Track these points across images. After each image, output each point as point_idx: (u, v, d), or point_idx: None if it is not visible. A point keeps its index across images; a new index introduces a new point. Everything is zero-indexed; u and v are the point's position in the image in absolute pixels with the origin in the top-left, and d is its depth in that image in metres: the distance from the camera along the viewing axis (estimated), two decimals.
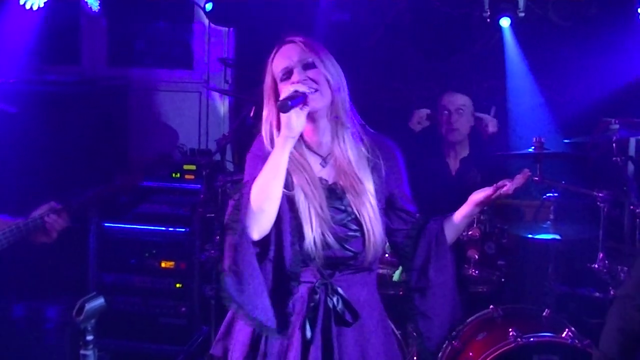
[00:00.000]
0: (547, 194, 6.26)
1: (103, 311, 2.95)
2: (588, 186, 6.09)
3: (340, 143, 3.66)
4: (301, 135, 3.61)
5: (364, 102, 7.82)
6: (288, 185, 3.58)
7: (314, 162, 3.70)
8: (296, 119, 3.43)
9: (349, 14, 7.89)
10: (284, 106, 3.36)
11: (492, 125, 6.99)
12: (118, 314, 7.00)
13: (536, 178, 5.97)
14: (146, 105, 8.33)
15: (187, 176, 7.29)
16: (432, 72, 7.96)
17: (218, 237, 6.25)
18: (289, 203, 3.58)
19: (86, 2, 7.45)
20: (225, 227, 3.57)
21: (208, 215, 6.50)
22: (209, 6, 7.63)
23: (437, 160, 6.78)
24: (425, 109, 7.08)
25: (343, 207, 3.64)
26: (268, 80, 3.67)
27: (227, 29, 8.22)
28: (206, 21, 8.12)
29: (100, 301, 2.95)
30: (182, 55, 8.47)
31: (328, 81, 3.59)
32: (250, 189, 3.49)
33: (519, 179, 3.68)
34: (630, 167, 6.50)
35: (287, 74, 3.60)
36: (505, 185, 3.68)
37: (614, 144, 5.96)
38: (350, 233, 3.64)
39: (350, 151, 3.66)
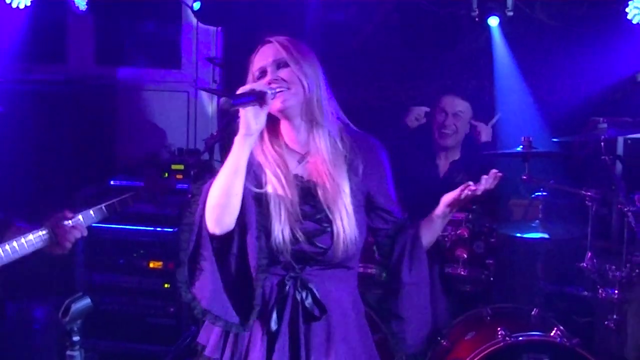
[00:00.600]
0: (536, 193, 6.27)
1: (89, 312, 2.94)
2: (576, 185, 6.10)
3: (316, 141, 3.69)
4: (280, 133, 3.73)
5: (353, 100, 7.89)
6: (260, 182, 3.65)
7: (292, 159, 3.73)
8: (253, 118, 3.44)
9: (337, 13, 7.89)
10: (225, 103, 3.38)
11: (485, 135, 6.96)
12: (106, 314, 6.99)
13: (524, 177, 5.98)
14: (134, 104, 8.32)
15: (175, 176, 7.25)
16: (421, 71, 7.96)
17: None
18: (258, 199, 3.63)
19: (73, 1, 7.41)
20: (181, 222, 3.64)
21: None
22: (197, 5, 7.61)
23: (426, 161, 6.78)
24: (424, 107, 7.05)
25: (314, 204, 3.66)
26: (248, 80, 3.72)
27: (215, 28, 8.21)
28: (194, 20, 8.10)
29: (86, 302, 2.94)
30: (170, 55, 8.45)
31: (301, 80, 3.63)
32: (209, 186, 3.55)
33: (487, 180, 3.66)
34: (619, 166, 6.50)
35: (262, 73, 3.66)
36: (470, 186, 3.67)
37: (602, 143, 5.96)
38: (320, 229, 3.66)
39: (325, 150, 3.68)
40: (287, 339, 3.66)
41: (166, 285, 7.02)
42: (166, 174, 7.23)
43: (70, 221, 4.42)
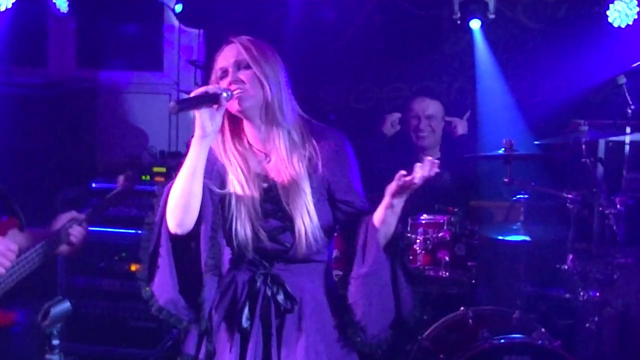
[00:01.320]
0: (517, 196, 6.28)
1: (69, 315, 2.92)
2: (558, 187, 6.12)
3: (276, 141, 3.74)
4: (243, 133, 3.78)
5: (335, 103, 7.89)
6: (224, 182, 3.71)
7: (254, 158, 3.79)
8: (208, 120, 3.50)
9: (319, 15, 7.88)
10: (173, 107, 3.42)
11: (461, 128, 6.99)
12: (88, 318, 6.98)
13: (506, 180, 5.99)
14: (115, 107, 8.29)
15: (157, 178, 7.22)
16: (402, 74, 7.97)
17: None
18: (221, 199, 3.70)
19: (54, 3, 7.40)
20: (146, 223, 3.70)
21: None
22: (178, 7, 7.60)
23: (408, 164, 6.77)
24: (396, 112, 7.05)
25: (276, 202, 3.71)
26: (211, 79, 3.77)
27: (197, 30, 8.19)
28: (176, 23, 8.08)
29: (66, 305, 2.92)
30: (152, 57, 8.43)
31: (260, 82, 3.67)
32: (169, 188, 3.62)
33: (423, 168, 3.64)
34: (600, 168, 6.52)
35: (224, 73, 3.71)
36: (404, 175, 3.64)
37: (583, 146, 5.98)
38: (282, 226, 3.71)
39: (285, 149, 3.72)
40: (259, 334, 3.72)
41: (148, 289, 6.98)
42: (148, 177, 7.21)
43: (82, 221, 4.42)
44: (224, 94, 3.51)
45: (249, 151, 3.79)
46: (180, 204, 3.56)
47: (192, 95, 3.51)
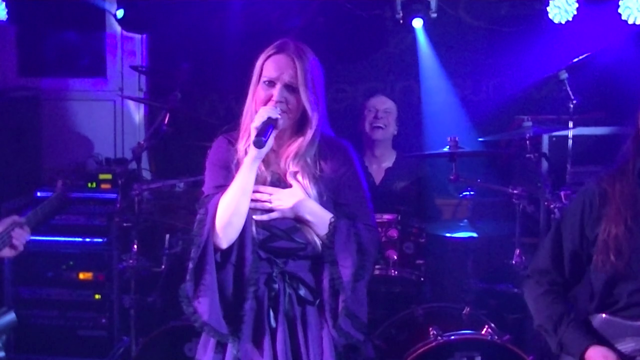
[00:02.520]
0: (464, 193, 6.34)
1: (14, 327, 2.89)
2: (503, 183, 6.17)
3: (294, 146, 3.85)
4: None
5: None
6: None
7: (274, 161, 3.90)
8: None
9: (261, 18, 7.87)
10: (259, 143, 3.55)
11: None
12: (36, 329, 6.90)
13: (452, 177, 6.02)
14: (59, 115, 8.21)
15: (103, 186, 7.17)
16: (347, 75, 7.97)
17: (135, 247, 6.21)
18: None
19: None
20: (190, 241, 3.79)
21: (125, 224, 6.41)
22: (120, 13, 7.54)
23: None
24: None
25: None
26: (254, 78, 3.86)
27: (139, 36, 8.14)
28: (118, 29, 8.02)
29: (10, 317, 2.90)
30: (95, 64, 8.36)
31: (304, 108, 3.79)
32: (216, 204, 3.71)
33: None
34: (544, 163, 6.55)
35: (271, 83, 3.78)
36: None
37: (527, 141, 6.03)
38: (295, 226, 3.82)
39: (301, 155, 3.83)
40: (286, 331, 3.81)
41: (97, 297, 6.95)
42: (94, 184, 7.16)
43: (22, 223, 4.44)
44: (280, 118, 3.67)
45: (271, 153, 3.86)
46: (232, 222, 3.70)
47: (259, 123, 3.62)
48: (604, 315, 3.90)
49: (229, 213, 3.66)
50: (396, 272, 5.91)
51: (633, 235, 3.78)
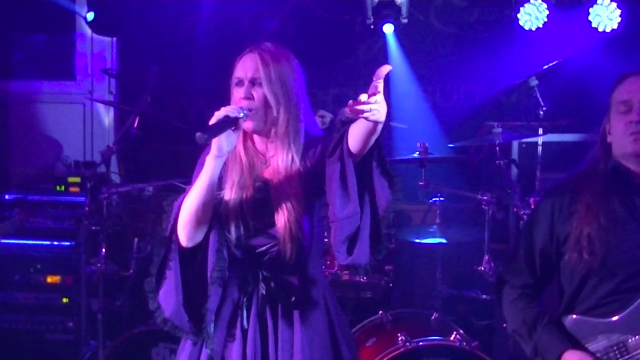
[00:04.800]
0: (433, 199, 6.34)
1: None
2: (473, 190, 6.18)
3: (278, 156, 3.79)
4: (251, 138, 3.84)
5: None
6: (220, 179, 3.76)
7: (256, 160, 3.85)
8: (225, 141, 3.58)
9: (231, 23, 7.86)
10: (199, 138, 3.44)
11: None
12: (3, 333, 6.88)
13: (421, 183, 6.04)
14: (27, 118, 8.16)
15: (71, 189, 7.14)
16: (317, 80, 7.96)
17: (104, 250, 6.19)
18: (218, 198, 3.76)
19: None
20: (157, 239, 3.80)
21: (93, 228, 6.39)
22: (90, 16, 7.49)
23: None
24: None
25: (266, 201, 3.75)
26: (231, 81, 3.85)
27: (110, 39, 8.11)
28: (88, 31, 7.98)
29: None
30: (64, 66, 8.32)
31: (270, 102, 3.73)
32: (181, 203, 3.70)
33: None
34: (514, 169, 6.59)
35: (239, 83, 3.77)
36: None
37: (497, 147, 6.06)
38: (269, 224, 3.75)
39: (284, 165, 3.77)
40: (257, 332, 3.78)
41: (64, 300, 6.91)
42: (62, 187, 7.12)
43: None
44: (242, 115, 3.59)
45: (253, 152, 3.85)
46: (194, 220, 3.65)
47: (214, 120, 3.53)
48: (574, 316, 3.92)
49: (191, 212, 3.64)
50: (365, 278, 5.92)
51: (606, 233, 3.81)
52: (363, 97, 3.25)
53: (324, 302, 3.88)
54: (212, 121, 3.55)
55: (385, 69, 3.33)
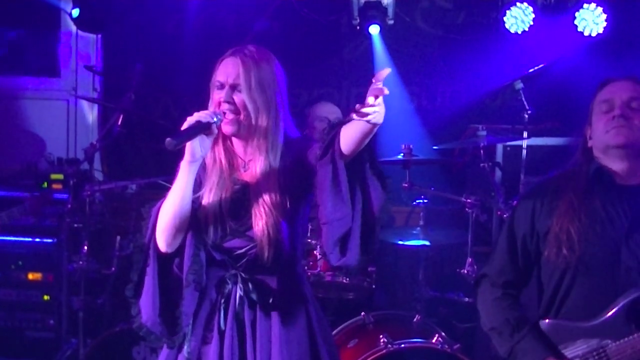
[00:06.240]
0: (417, 201, 6.33)
1: None
2: (456, 192, 6.18)
3: (256, 161, 3.79)
4: (230, 141, 3.85)
5: None
6: (199, 183, 3.79)
7: (235, 162, 3.86)
8: (199, 146, 3.59)
9: (216, 22, 7.85)
10: (169, 144, 3.43)
11: None
12: None
13: (405, 185, 6.02)
14: (11, 114, 8.13)
15: (54, 186, 7.12)
16: (302, 80, 7.95)
17: (85, 248, 6.18)
18: (195, 200, 3.77)
19: None
20: (136, 246, 3.80)
21: (76, 225, 6.38)
22: (75, 12, 7.48)
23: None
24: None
25: (244, 203, 3.77)
26: (212, 83, 3.84)
27: (94, 35, 8.08)
28: (73, 28, 7.96)
29: None
30: (49, 63, 8.29)
31: (250, 108, 3.73)
32: (159, 208, 3.71)
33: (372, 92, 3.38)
34: (498, 172, 6.60)
35: (221, 86, 3.77)
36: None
37: (481, 150, 6.06)
38: (247, 226, 3.75)
39: (261, 170, 3.77)
40: (235, 333, 3.78)
41: (45, 298, 6.88)
42: (45, 184, 7.10)
43: None
44: (215, 120, 3.59)
45: (233, 155, 3.86)
46: (171, 226, 3.67)
47: (186, 126, 3.53)
48: (553, 319, 3.92)
49: (169, 218, 3.66)
50: (347, 279, 5.91)
51: (586, 230, 3.83)
52: (370, 99, 3.26)
53: (304, 303, 3.88)
54: (184, 126, 3.55)
55: (385, 72, 3.35)
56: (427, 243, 6.08)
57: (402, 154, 6.03)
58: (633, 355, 3.76)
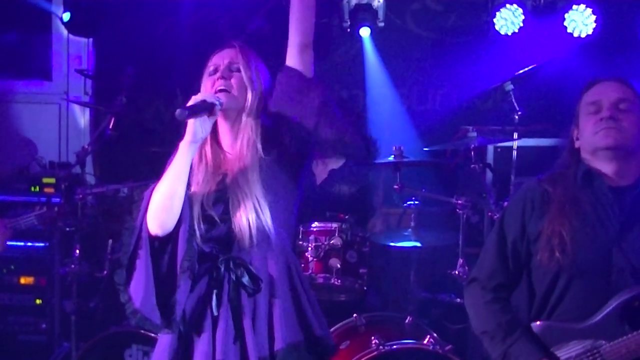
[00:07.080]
0: (408, 202, 6.34)
1: None
2: (447, 193, 6.19)
3: (242, 145, 3.85)
4: (217, 133, 3.91)
5: None
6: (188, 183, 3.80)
7: (219, 154, 3.92)
8: (200, 127, 3.63)
9: (207, 24, 7.86)
10: (180, 114, 3.50)
11: None
12: None
13: (396, 186, 6.04)
14: (2, 117, 8.12)
15: (46, 189, 7.11)
16: None
17: (77, 251, 6.18)
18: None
19: None
20: (127, 227, 3.77)
21: (68, 228, 6.38)
22: (66, 16, 7.48)
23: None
24: None
25: (224, 190, 3.81)
26: (204, 76, 3.93)
27: (86, 39, 8.09)
28: (64, 31, 7.96)
29: None
30: (40, 66, 8.29)
31: (245, 86, 3.85)
32: (152, 190, 3.72)
33: None
34: (488, 174, 6.61)
35: (214, 71, 3.87)
36: None
37: (472, 152, 6.07)
38: (230, 213, 3.80)
39: (246, 152, 3.84)
40: (229, 319, 3.76)
41: (38, 301, 6.88)
42: (37, 188, 7.09)
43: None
44: (217, 103, 3.65)
45: (219, 151, 3.92)
46: (165, 206, 3.67)
47: (192, 103, 3.59)
48: (546, 321, 3.92)
49: (163, 198, 3.66)
50: (339, 281, 5.93)
51: (577, 233, 3.82)
52: None
53: (289, 277, 3.87)
54: (190, 103, 3.60)
55: None
56: (418, 244, 6.09)
57: (393, 156, 6.04)
58: (627, 355, 3.77)
